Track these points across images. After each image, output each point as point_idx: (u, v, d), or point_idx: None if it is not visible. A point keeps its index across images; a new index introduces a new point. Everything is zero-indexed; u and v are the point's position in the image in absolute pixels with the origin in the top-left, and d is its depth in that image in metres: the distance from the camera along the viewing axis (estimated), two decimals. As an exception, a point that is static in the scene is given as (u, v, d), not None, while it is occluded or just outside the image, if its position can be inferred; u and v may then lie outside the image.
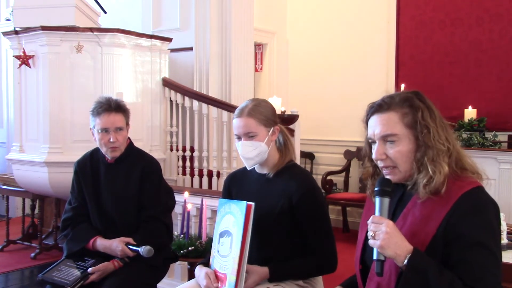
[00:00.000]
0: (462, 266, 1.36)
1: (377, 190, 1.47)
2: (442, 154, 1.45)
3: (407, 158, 1.47)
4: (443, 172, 1.42)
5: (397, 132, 1.47)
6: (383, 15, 5.70)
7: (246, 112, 2.01)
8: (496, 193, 4.48)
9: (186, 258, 2.81)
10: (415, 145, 1.47)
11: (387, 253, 1.37)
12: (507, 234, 2.43)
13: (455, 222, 1.38)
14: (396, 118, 1.48)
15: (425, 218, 1.43)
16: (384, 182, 1.48)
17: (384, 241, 1.36)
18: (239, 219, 1.82)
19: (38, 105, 4.17)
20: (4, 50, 6.62)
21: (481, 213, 1.39)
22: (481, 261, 1.35)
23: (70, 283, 2.30)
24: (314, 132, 6.07)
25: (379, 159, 1.50)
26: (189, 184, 4.64)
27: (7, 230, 5.01)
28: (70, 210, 2.57)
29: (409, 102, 1.49)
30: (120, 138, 2.45)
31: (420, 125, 1.46)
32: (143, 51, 4.49)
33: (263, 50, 6.24)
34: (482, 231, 1.37)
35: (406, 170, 1.48)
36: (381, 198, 1.46)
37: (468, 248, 1.36)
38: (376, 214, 1.45)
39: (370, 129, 1.53)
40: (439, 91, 5.22)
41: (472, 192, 1.41)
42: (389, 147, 1.48)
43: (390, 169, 1.50)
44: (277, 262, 2.00)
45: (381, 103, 1.52)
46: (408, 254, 1.35)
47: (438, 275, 1.32)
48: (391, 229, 1.37)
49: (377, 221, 1.40)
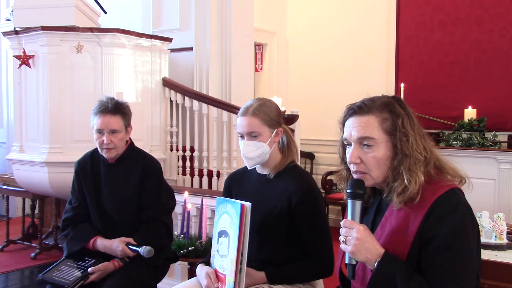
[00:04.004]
0: (429, 270, 1.36)
1: (349, 192, 1.45)
2: (419, 163, 1.42)
3: (381, 164, 1.44)
4: (418, 181, 1.40)
5: (375, 137, 1.44)
6: (383, 15, 5.70)
7: (250, 111, 2.00)
8: (496, 193, 4.49)
9: (186, 258, 2.81)
10: (392, 152, 1.44)
11: (358, 258, 1.38)
12: (507, 234, 2.43)
13: (427, 228, 1.37)
14: (375, 122, 1.45)
15: (403, 227, 1.41)
16: (356, 184, 1.46)
17: (354, 247, 1.36)
18: (234, 220, 1.81)
19: (38, 105, 4.17)
20: (4, 50, 6.62)
21: (451, 217, 1.36)
22: (446, 265, 1.34)
23: (70, 283, 2.30)
24: (314, 132, 6.07)
25: (353, 163, 1.47)
26: (189, 184, 4.64)
27: (7, 230, 5.01)
28: (71, 210, 2.57)
29: (389, 108, 1.46)
30: (115, 140, 2.44)
31: (399, 132, 1.43)
32: (143, 51, 4.49)
33: (263, 50, 6.24)
34: (450, 235, 1.35)
35: (377, 176, 1.46)
36: (353, 201, 1.44)
37: (435, 252, 1.35)
38: (348, 217, 1.44)
39: (347, 131, 1.50)
40: (439, 91, 5.22)
41: (444, 196, 1.39)
42: (365, 151, 1.45)
43: (360, 174, 1.47)
44: (274, 266, 1.99)
45: (361, 105, 1.49)
46: (378, 258, 1.36)
47: (406, 280, 1.33)
48: (361, 235, 1.37)
49: (348, 225, 1.40)
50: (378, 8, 5.73)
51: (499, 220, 2.40)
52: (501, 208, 4.30)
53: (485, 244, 2.24)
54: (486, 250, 2.26)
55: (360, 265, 1.46)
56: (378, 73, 5.70)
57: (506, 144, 4.66)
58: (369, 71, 5.76)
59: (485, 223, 2.41)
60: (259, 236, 1.99)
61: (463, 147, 4.59)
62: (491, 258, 2.21)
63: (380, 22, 5.71)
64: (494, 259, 2.20)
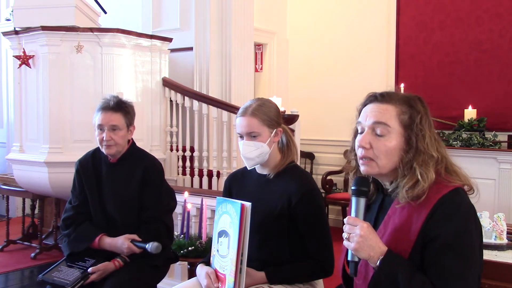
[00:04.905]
0: (432, 269, 1.36)
1: (354, 189, 1.45)
2: (432, 161, 1.42)
3: (390, 155, 1.43)
4: (430, 178, 1.40)
5: (390, 125, 1.43)
6: (383, 15, 5.69)
7: (250, 111, 2.00)
8: (496, 193, 4.48)
9: (186, 258, 2.81)
10: (404, 145, 1.43)
11: (361, 255, 1.38)
12: (507, 234, 2.43)
13: (431, 226, 1.37)
14: (393, 112, 1.44)
15: (406, 225, 1.41)
16: (361, 181, 1.46)
17: (358, 244, 1.36)
18: (234, 220, 1.81)
19: (38, 105, 4.17)
20: (4, 50, 6.62)
21: (455, 216, 1.37)
22: (450, 265, 1.34)
23: (70, 283, 2.30)
24: (314, 132, 6.07)
25: (362, 147, 1.45)
26: (189, 184, 4.64)
27: (7, 230, 5.01)
28: (71, 209, 2.56)
29: (410, 103, 1.46)
30: (115, 137, 2.43)
31: (416, 127, 1.43)
32: (143, 51, 4.49)
33: (263, 50, 6.24)
34: (454, 235, 1.35)
35: (383, 165, 1.44)
36: (357, 198, 1.44)
37: (439, 251, 1.36)
38: (352, 214, 1.44)
39: (363, 115, 1.49)
40: (439, 91, 5.22)
41: (449, 195, 1.38)
42: (377, 138, 1.44)
43: (367, 160, 1.45)
44: (274, 266, 1.99)
45: (383, 94, 1.49)
46: (381, 256, 1.36)
47: (408, 278, 1.33)
48: (365, 232, 1.37)
49: (352, 222, 1.40)
50: (378, 8, 5.73)
51: (499, 220, 2.41)
52: (501, 208, 4.30)
53: (485, 244, 2.22)
54: (486, 250, 2.25)
55: (363, 263, 1.46)
56: (378, 73, 5.70)
57: (506, 144, 4.66)
58: (369, 71, 5.76)
59: (485, 223, 2.41)
60: (259, 236, 1.99)
61: (463, 147, 4.59)
62: (491, 258, 2.21)
63: (380, 22, 5.71)
64: (494, 259, 2.20)
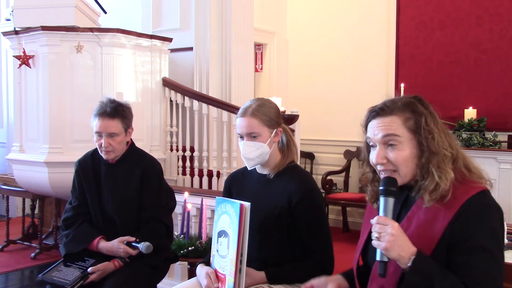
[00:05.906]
0: (464, 269, 1.35)
1: (382, 189, 1.44)
2: (447, 160, 1.42)
3: (409, 163, 1.44)
4: (449, 178, 1.40)
5: (399, 134, 1.44)
6: (383, 15, 5.69)
7: (249, 112, 2.00)
8: (496, 193, 4.48)
9: (186, 258, 2.81)
10: (417, 150, 1.44)
11: (391, 255, 1.35)
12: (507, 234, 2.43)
13: (459, 226, 1.37)
14: (399, 121, 1.45)
15: (430, 222, 1.41)
16: (389, 181, 1.45)
17: (389, 243, 1.34)
18: (234, 220, 1.81)
19: (38, 105, 4.17)
20: (4, 50, 6.62)
21: (486, 218, 1.37)
22: (483, 266, 1.34)
23: (70, 283, 2.30)
24: (314, 132, 6.07)
25: (380, 163, 1.46)
26: (189, 184, 4.64)
27: (7, 230, 5.01)
28: (71, 210, 2.56)
29: (411, 107, 1.46)
30: (114, 143, 2.44)
31: (424, 130, 1.43)
32: (143, 51, 4.49)
33: (263, 50, 6.24)
34: (486, 236, 1.36)
35: (406, 174, 1.45)
36: (386, 198, 1.43)
37: (471, 252, 1.35)
38: (381, 214, 1.42)
39: (370, 132, 1.49)
40: (439, 91, 5.22)
41: (478, 196, 1.39)
42: (390, 150, 1.45)
43: (389, 172, 1.46)
44: (274, 266, 1.99)
45: (383, 107, 1.48)
46: (412, 256, 1.34)
47: (441, 278, 1.32)
48: (396, 231, 1.35)
49: (382, 222, 1.38)
50: (378, 8, 5.73)
51: (499, 220, 2.40)
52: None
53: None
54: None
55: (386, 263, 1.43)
56: (378, 73, 5.70)
57: (506, 144, 4.67)
58: (369, 71, 5.76)
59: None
60: (259, 236, 1.99)
61: (463, 147, 4.55)
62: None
63: (380, 22, 5.71)
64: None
